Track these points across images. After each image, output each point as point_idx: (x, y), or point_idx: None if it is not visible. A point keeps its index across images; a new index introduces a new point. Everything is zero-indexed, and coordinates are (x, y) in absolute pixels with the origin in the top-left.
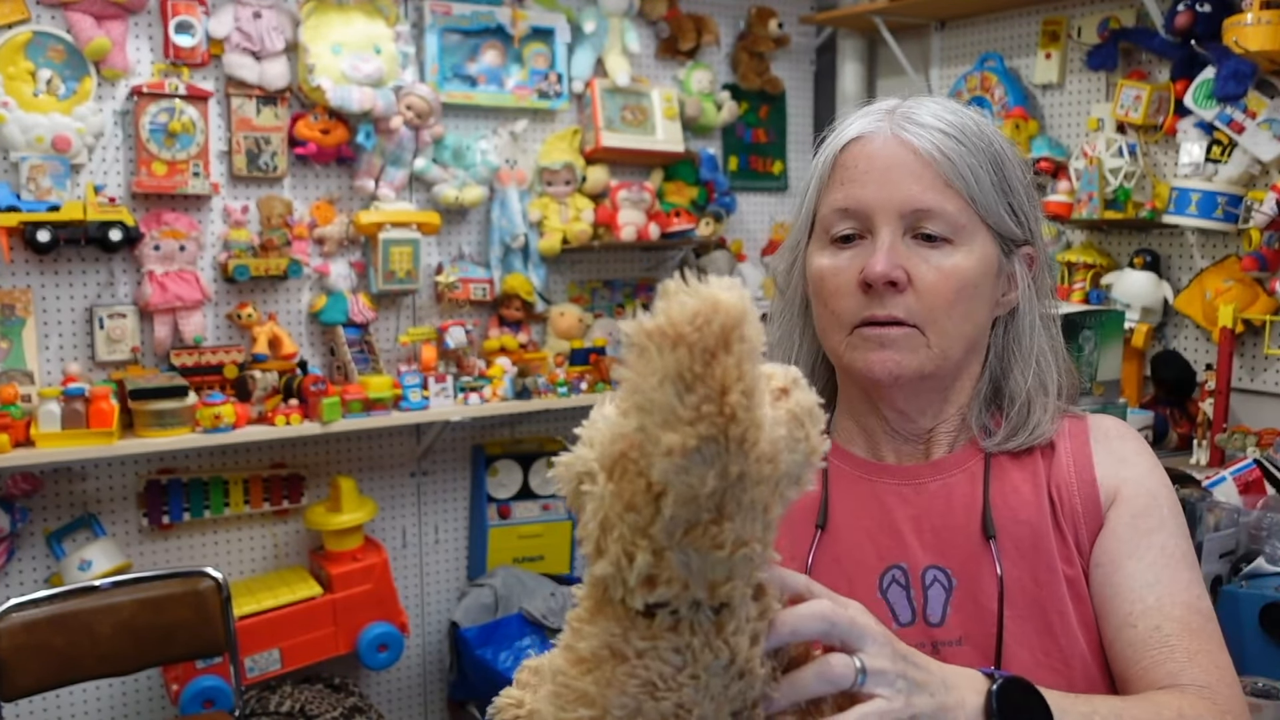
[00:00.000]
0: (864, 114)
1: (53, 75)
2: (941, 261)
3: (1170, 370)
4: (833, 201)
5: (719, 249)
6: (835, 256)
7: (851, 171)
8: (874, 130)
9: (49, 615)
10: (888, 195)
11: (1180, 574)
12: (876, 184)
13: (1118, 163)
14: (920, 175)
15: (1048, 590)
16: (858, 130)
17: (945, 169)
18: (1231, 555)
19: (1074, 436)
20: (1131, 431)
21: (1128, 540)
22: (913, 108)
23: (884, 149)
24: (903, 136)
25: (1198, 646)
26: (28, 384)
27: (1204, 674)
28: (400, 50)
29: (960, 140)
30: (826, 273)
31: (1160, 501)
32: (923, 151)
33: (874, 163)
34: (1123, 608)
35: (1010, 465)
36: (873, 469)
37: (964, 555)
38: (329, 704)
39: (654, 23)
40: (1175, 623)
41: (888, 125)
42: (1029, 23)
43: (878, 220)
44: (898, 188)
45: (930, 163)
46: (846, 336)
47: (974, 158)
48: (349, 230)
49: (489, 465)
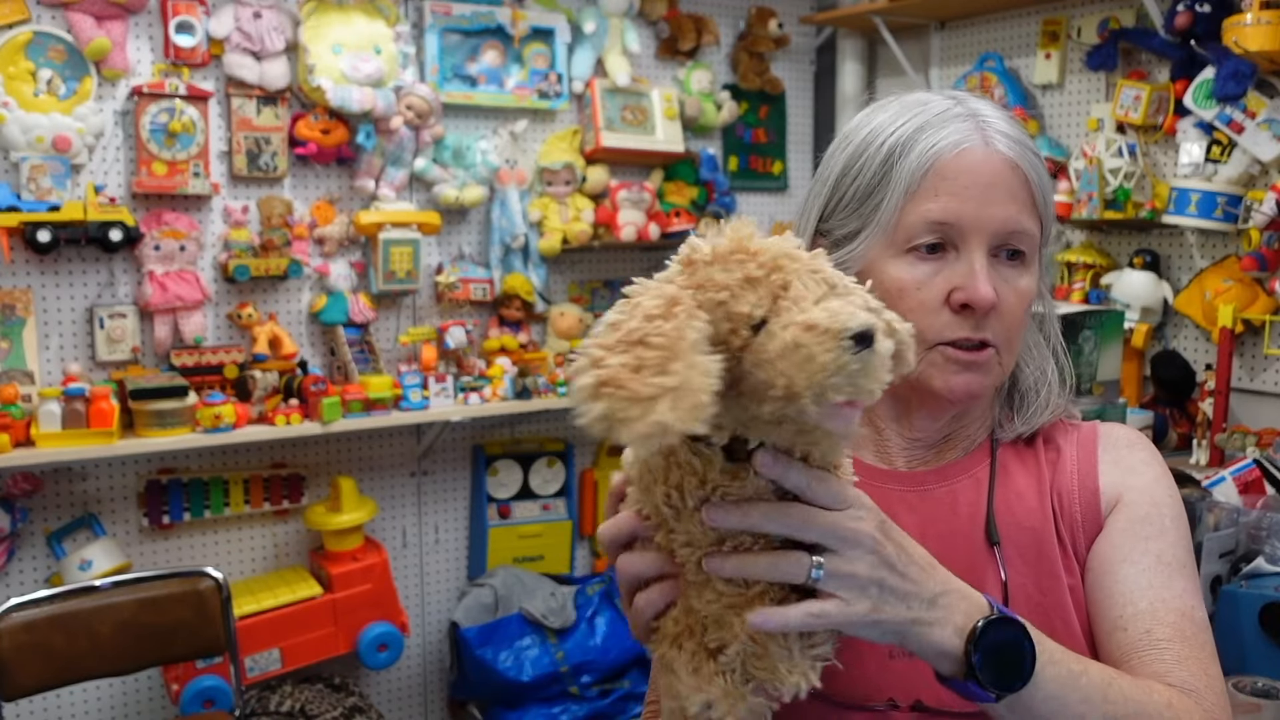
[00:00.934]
0: (943, 119)
1: (53, 75)
2: (1018, 282)
3: (1170, 370)
4: (926, 212)
5: None
6: (915, 268)
7: (951, 183)
8: (973, 142)
9: (49, 615)
10: (990, 214)
11: (1175, 582)
12: (978, 200)
13: (1117, 163)
14: (1017, 195)
15: (1051, 597)
16: (954, 139)
17: (1037, 190)
18: (1231, 555)
19: (1083, 444)
20: (1143, 441)
21: (1123, 545)
22: (986, 114)
23: (986, 164)
24: (1000, 150)
25: (1188, 653)
26: (28, 384)
27: (1193, 678)
28: (400, 50)
29: (1037, 155)
30: (908, 285)
31: (1163, 511)
32: (1022, 168)
33: (977, 178)
34: (1114, 610)
35: (1016, 470)
36: (879, 475)
37: (968, 561)
38: (329, 704)
39: (654, 23)
40: (1167, 628)
41: (980, 138)
42: (1029, 23)
43: (972, 238)
44: (997, 206)
45: (1026, 182)
46: (922, 352)
47: (1045, 173)
48: (349, 230)
49: (489, 465)
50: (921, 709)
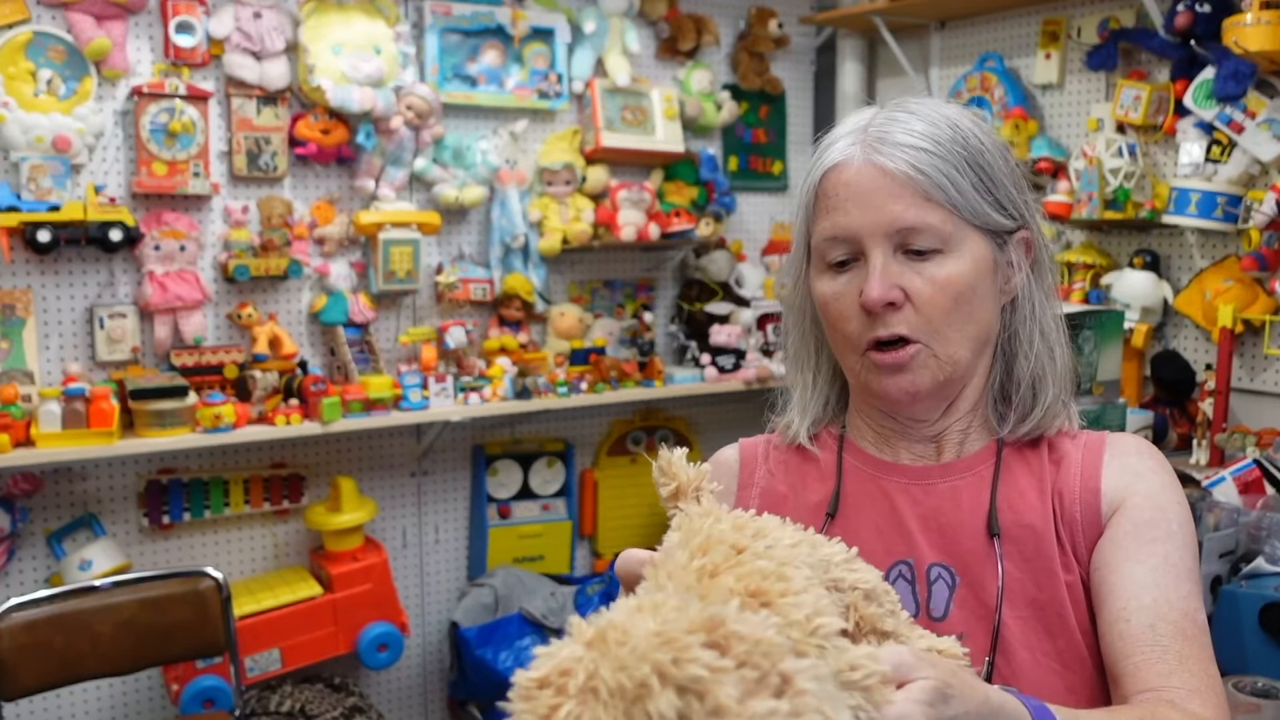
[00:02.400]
0: (840, 136)
1: (53, 75)
2: (935, 273)
3: (1170, 370)
4: (822, 230)
5: (719, 249)
6: (834, 281)
7: (833, 200)
8: (847, 157)
9: (49, 615)
10: (872, 219)
11: (1181, 584)
12: (859, 210)
13: (1117, 163)
14: (899, 195)
15: (1048, 594)
16: (834, 158)
17: (922, 185)
18: (1231, 555)
19: (1089, 448)
20: (1152, 450)
21: (1128, 546)
22: (884, 125)
23: (859, 175)
24: (875, 160)
25: (1190, 653)
26: (28, 384)
27: (1194, 679)
28: (400, 50)
29: (934, 151)
30: (829, 299)
31: (1170, 516)
32: (897, 173)
33: (852, 189)
34: (1118, 603)
35: (1019, 470)
36: (884, 467)
37: (968, 553)
38: (329, 704)
39: (654, 23)
40: (1170, 625)
41: (859, 150)
42: (1029, 23)
43: (867, 244)
44: (880, 211)
45: (907, 182)
46: (860, 358)
47: (949, 165)
48: (349, 230)
49: (489, 465)
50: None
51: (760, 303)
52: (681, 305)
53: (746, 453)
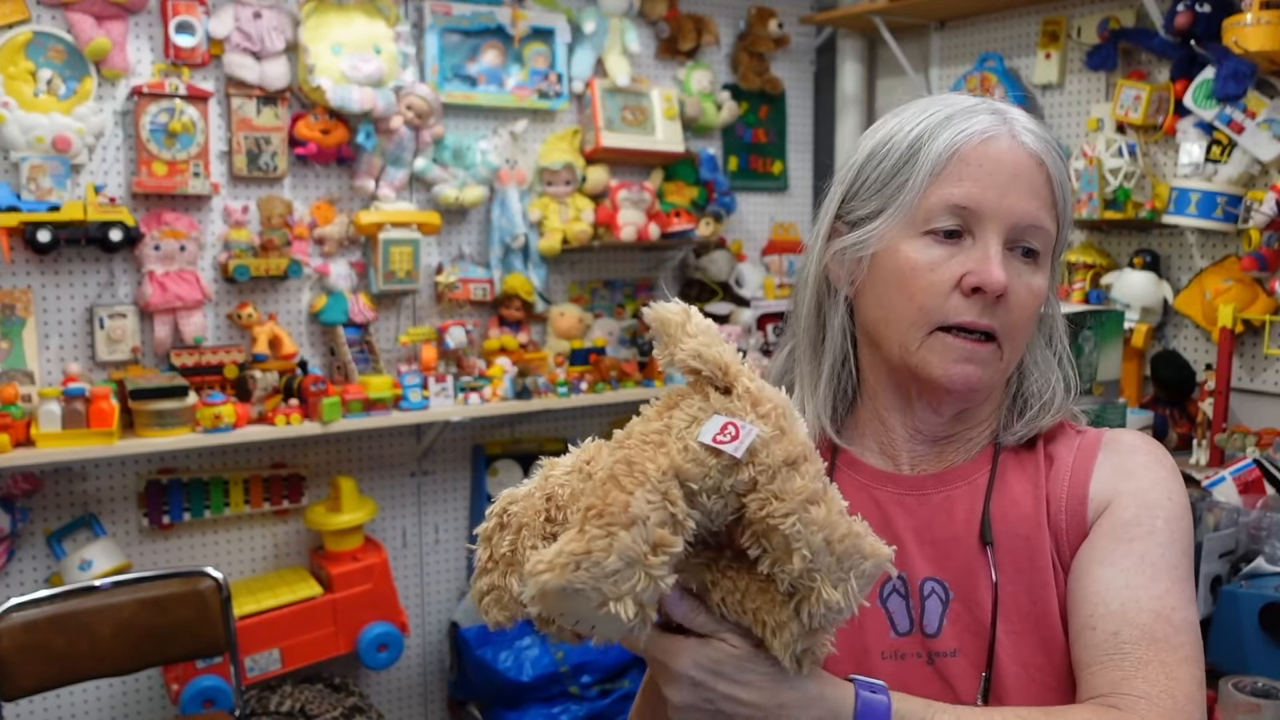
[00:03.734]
0: (972, 110)
1: (53, 75)
2: (1031, 279)
3: (1170, 370)
4: (948, 195)
5: (719, 249)
6: (931, 250)
7: (975, 169)
8: (997, 131)
9: (49, 615)
10: (1010, 204)
11: (1157, 583)
12: (999, 189)
13: (1117, 163)
14: (1039, 189)
15: (1042, 606)
16: (983, 128)
17: (1058, 188)
18: (1231, 555)
19: (1082, 451)
20: (1150, 446)
21: (1103, 548)
22: (1012, 112)
23: (1010, 154)
24: (1027, 146)
25: (1151, 656)
26: (28, 384)
27: (1147, 685)
28: (400, 50)
29: (1060, 158)
30: (921, 265)
31: (1155, 513)
32: (1046, 162)
33: (1001, 166)
34: (1085, 610)
35: (1015, 478)
36: (880, 478)
37: (961, 565)
38: (329, 704)
39: (654, 23)
40: (1136, 629)
41: (1007, 128)
42: (1029, 23)
43: (989, 226)
44: (1020, 198)
45: (1050, 178)
46: (924, 335)
47: (1066, 178)
48: (349, 230)
49: (489, 465)
50: None
51: (760, 303)
52: None
53: None
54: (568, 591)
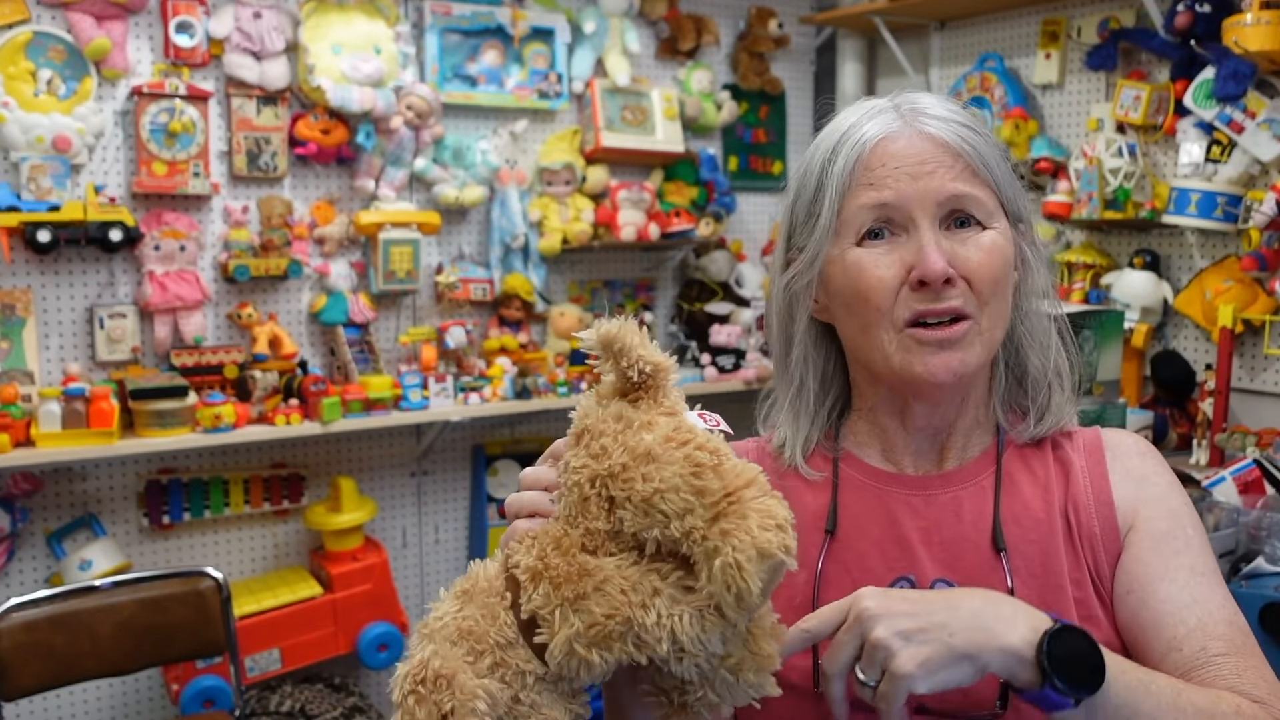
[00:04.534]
0: (869, 114)
1: (53, 75)
2: (981, 241)
3: (1170, 370)
4: (865, 201)
5: (719, 249)
6: (870, 252)
7: (880, 172)
8: (895, 129)
9: (49, 615)
10: (924, 188)
11: (1215, 592)
12: (910, 179)
13: (1117, 163)
14: (951, 166)
15: (1056, 610)
16: (877, 131)
17: (973, 158)
18: (1231, 555)
19: (1089, 451)
20: (1149, 448)
21: (1155, 565)
22: (917, 102)
23: (911, 146)
24: (925, 131)
25: (1245, 663)
26: (28, 384)
27: (1255, 689)
28: (400, 50)
29: (975, 130)
30: (865, 265)
31: (1183, 521)
32: (949, 144)
33: (905, 160)
34: (1165, 633)
35: (1023, 480)
36: (884, 478)
37: (972, 568)
38: (329, 704)
39: (654, 23)
40: (1220, 641)
41: (904, 123)
42: (1029, 23)
43: (917, 215)
44: (933, 179)
45: (959, 153)
46: (897, 336)
47: (989, 146)
48: (349, 230)
49: (489, 465)
50: (923, 710)
51: (760, 303)
52: (681, 305)
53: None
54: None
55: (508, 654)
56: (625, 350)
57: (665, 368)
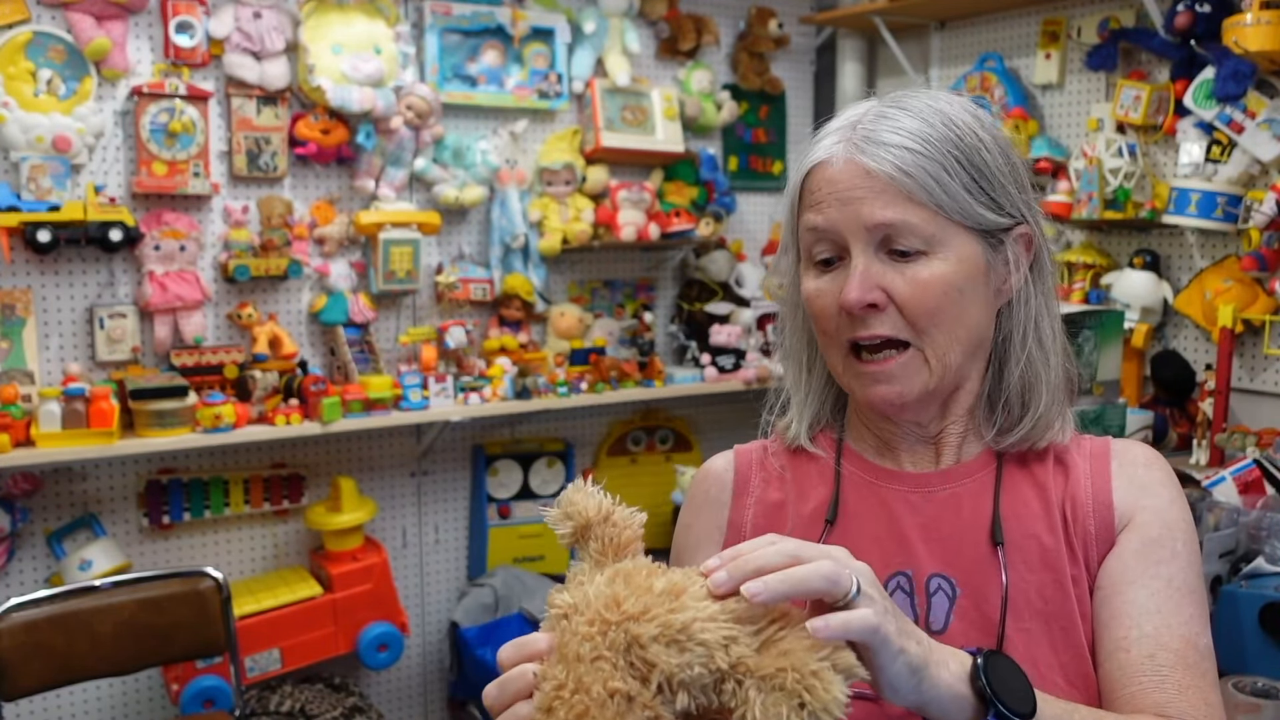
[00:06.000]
0: (829, 132)
1: (53, 75)
2: (918, 273)
3: (1170, 370)
4: (806, 223)
5: (719, 249)
6: (819, 280)
7: (816, 195)
8: (831, 155)
9: (49, 615)
10: (851, 216)
11: (1184, 608)
12: (840, 208)
13: (1117, 163)
14: (879, 194)
15: (1054, 607)
16: (818, 156)
17: (905, 185)
18: (1231, 555)
19: (1095, 457)
20: (1159, 460)
21: (1134, 567)
22: (874, 122)
23: (842, 173)
24: (858, 160)
25: (1190, 681)
26: (28, 384)
27: (1192, 709)
28: (400, 50)
29: (920, 151)
30: (812, 296)
31: (1176, 534)
32: (879, 173)
33: (835, 187)
34: (1118, 631)
35: (1021, 479)
36: (883, 474)
37: (969, 563)
38: (329, 704)
39: (654, 23)
40: (1171, 654)
41: (844, 148)
42: (1029, 23)
43: (850, 242)
44: (859, 209)
45: (889, 182)
46: (844, 359)
47: (936, 164)
48: (349, 230)
49: (489, 465)
50: None
51: (760, 303)
52: (681, 305)
53: (741, 460)
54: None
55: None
56: (601, 518)
57: (638, 523)
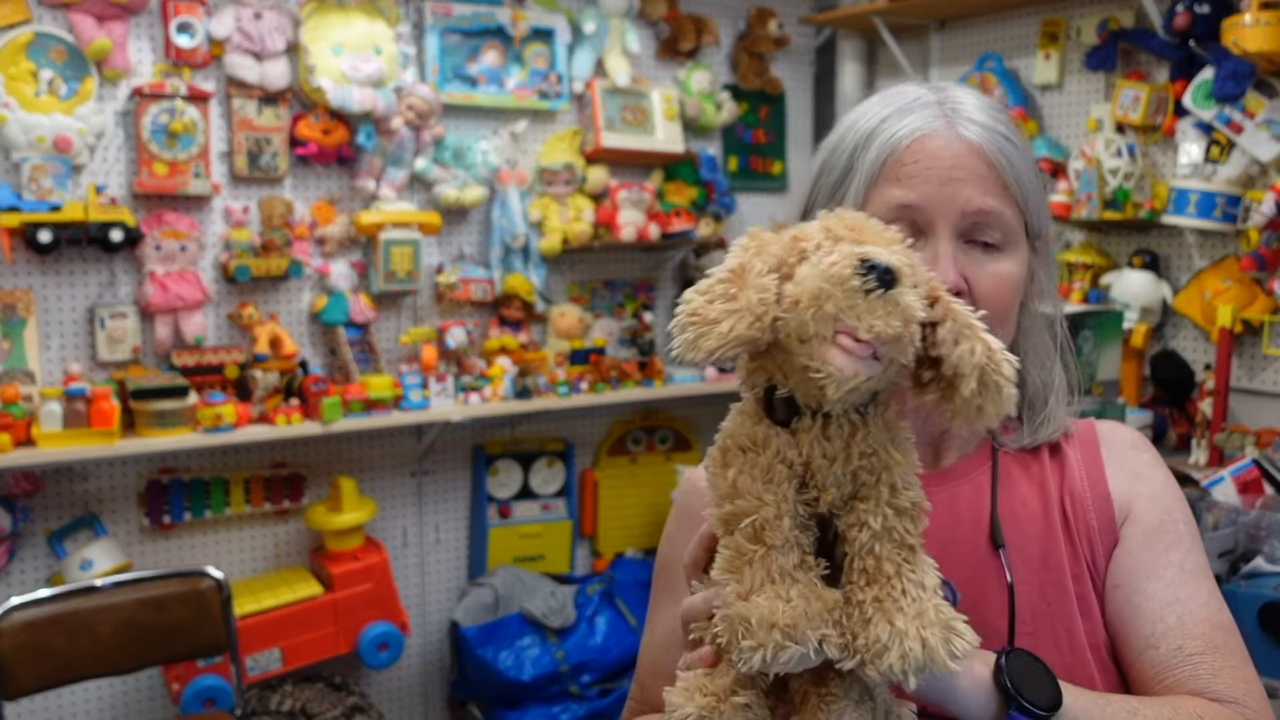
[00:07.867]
0: (911, 105)
1: (54, 76)
2: (997, 268)
3: (1169, 370)
4: (889, 198)
5: (719, 249)
6: None
7: (911, 169)
8: (934, 128)
9: (50, 615)
10: (950, 195)
11: (1200, 590)
12: (939, 183)
13: (1117, 163)
14: (984, 178)
15: (1056, 606)
16: (916, 125)
17: (1007, 172)
18: (1231, 555)
19: (1084, 444)
20: (1144, 441)
21: (1145, 560)
22: (961, 101)
23: (948, 149)
24: (965, 135)
25: (1222, 663)
26: (29, 384)
27: (1230, 689)
28: (401, 51)
29: (1012, 141)
30: None
31: (1176, 516)
32: (987, 152)
33: (938, 161)
34: (1144, 630)
35: (1018, 475)
36: None
37: (970, 567)
38: (329, 703)
39: (654, 23)
40: (1198, 640)
41: (945, 123)
42: (1028, 23)
43: (937, 223)
44: (961, 188)
45: (994, 165)
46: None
47: (1023, 161)
48: (350, 230)
49: (489, 465)
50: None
51: None
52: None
53: None
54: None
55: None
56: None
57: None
